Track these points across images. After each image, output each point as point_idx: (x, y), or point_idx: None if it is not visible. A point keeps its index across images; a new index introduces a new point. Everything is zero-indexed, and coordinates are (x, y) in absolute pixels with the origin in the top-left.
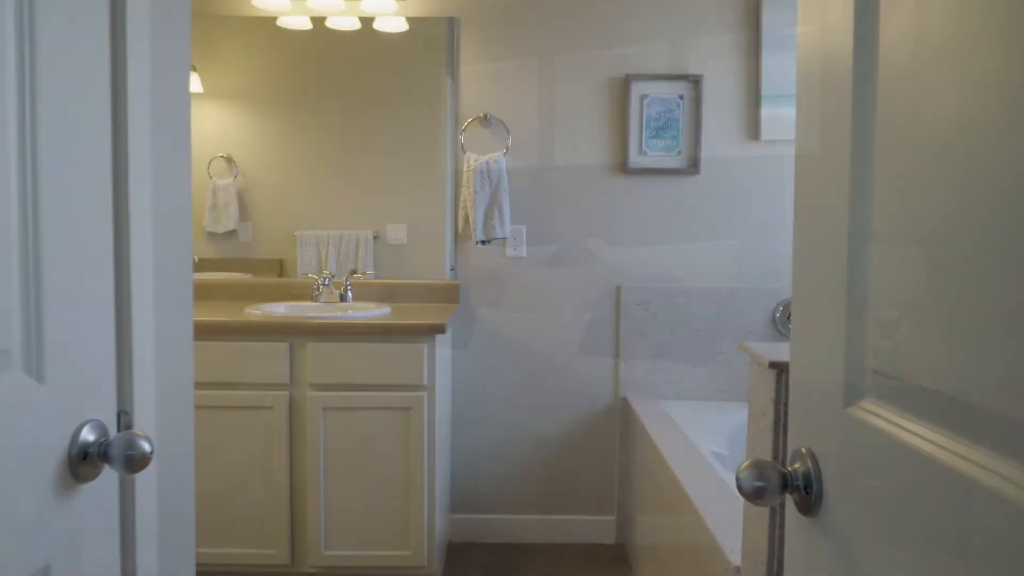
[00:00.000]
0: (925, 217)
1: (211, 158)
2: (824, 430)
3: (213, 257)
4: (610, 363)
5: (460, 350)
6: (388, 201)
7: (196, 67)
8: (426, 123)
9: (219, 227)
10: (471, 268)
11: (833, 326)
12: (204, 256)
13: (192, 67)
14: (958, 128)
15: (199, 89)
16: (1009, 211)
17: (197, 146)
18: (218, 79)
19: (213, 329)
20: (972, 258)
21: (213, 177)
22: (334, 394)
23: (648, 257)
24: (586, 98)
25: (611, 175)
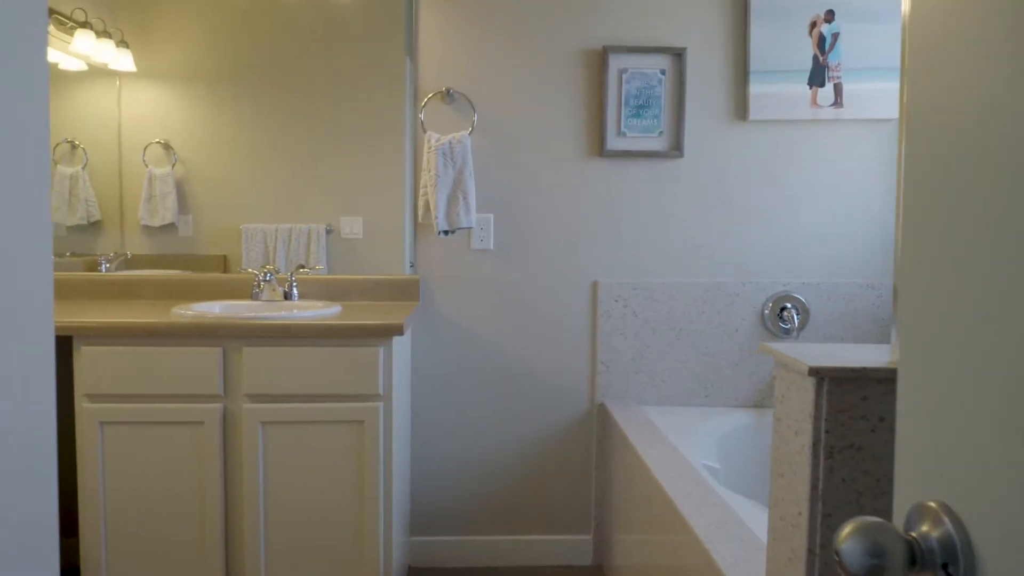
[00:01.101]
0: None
1: (146, 144)
2: (979, 477)
3: (148, 253)
4: (586, 366)
5: (420, 354)
6: (342, 192)
7: (128, 43)
8: (383, 103)
9: (155, 220)
10: (433, 262)
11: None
12: (137, 252)
13: (124, 43)
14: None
15: (131, 68)
16: None
17: (131, 131)
18: (153, 57)
19: (132, 332)
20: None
21: (149, 165)
22: (275, 406)
23: (627, 249)
24: (560, 71)
25: (587, 158)
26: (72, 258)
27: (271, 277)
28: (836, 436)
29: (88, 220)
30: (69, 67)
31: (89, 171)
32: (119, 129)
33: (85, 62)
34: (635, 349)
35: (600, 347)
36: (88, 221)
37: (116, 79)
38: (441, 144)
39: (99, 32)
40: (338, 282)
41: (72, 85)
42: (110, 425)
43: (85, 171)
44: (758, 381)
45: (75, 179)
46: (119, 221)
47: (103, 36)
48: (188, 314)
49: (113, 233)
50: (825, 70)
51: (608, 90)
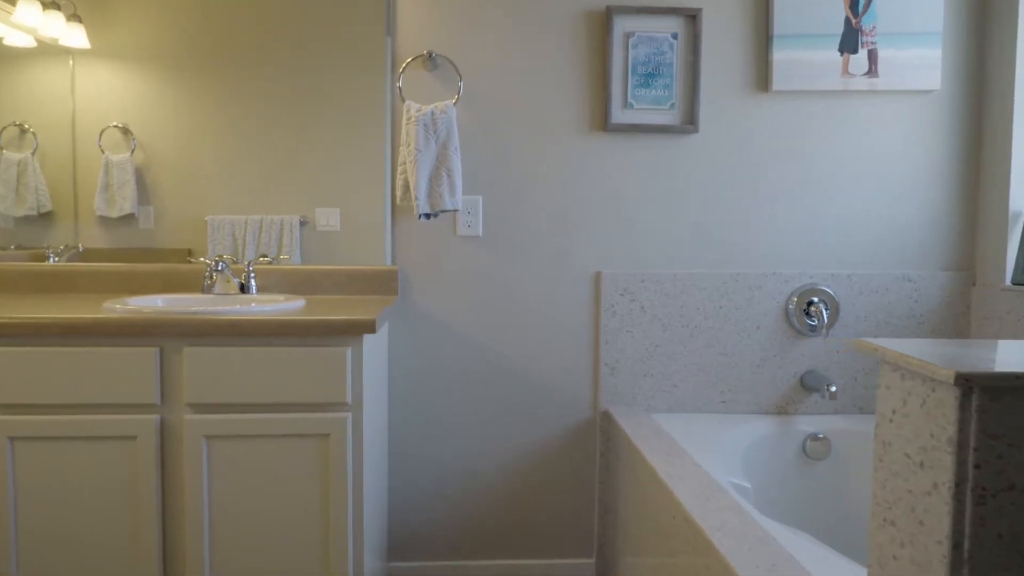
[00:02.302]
0: None
1: (103, 128)
2: None
3: (104, 247)
4: (588, 368)
5: (398, 355)
6: (317, 181)
7: (81, 18)
8: (361, 81)
9: (112, 211)
10: (413, 250)
11: None
12: (92, 245)
13: (76, 16)
14: None
15: (85, 44)
16: None
17: (85, 114)
18: (109, 34)
19: (48, 330)
20: None
21: (105, 151)
22: (222, 417)
23: (634, 236)
24: (558, 34)
25: (589, 133)
26: (17, 251)
27: (224, 267)
28: (991, 472)
29: (38, 211)
30: (15, 42)
31: (40, 157)
32: (72, 112)
33: (32, 36)
34: (643, 349)
35: (604, 347)
36: (38, 212)
37: (69, 57)
38: (422, 115)
39: (46, 3)
40: (304, 273)
41: (20, 63)
42: (22, 441)
43: (35, 157)
44: (781, 384)
45: (23, 166)
46: (73, 211)
47: (51, 8)
48: (119, 308)
49: (66, 224)
50: (858, 34)
51: (612, 56)
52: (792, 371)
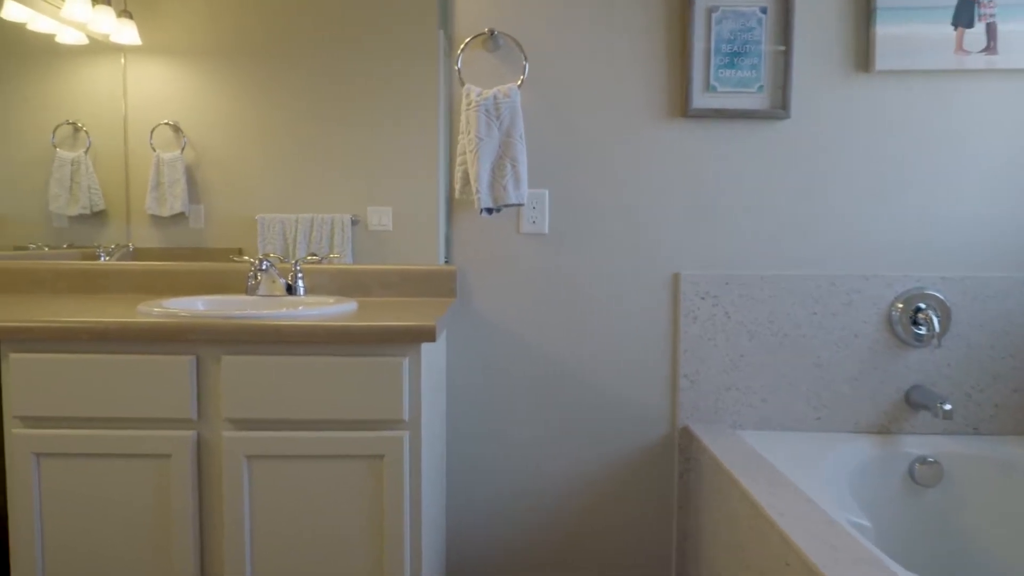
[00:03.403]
0: None
1: (154, 126)
2: None
3: (155, 246)
4: (665, 380)
5: (456, 364)
6: (369, 178)
7: (132, 14)
8: (411, 62)
9: (163, 210)
10: (471, 248)
11: None
12: (143, 245)
13: (126, 13)
14: None
15: (136, 41)
16: None
17: (137, 111)
18: (161, 30)
19: (75, 335)
20: None
21: (157, 150)
22: (264, 435)
23: (718, 233)
24: (634, 10)
25: (667, 119)
26: (69, 249)
27: (269, 266)
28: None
29: (91, 209)
30: (67, 40)
31: (92, 155)
32: (124, 110)
33: (83, 32)
34: (727, 359)
35: (683, 356)
36: (91, 210)
37: (121, 54)
38: (484, 99)
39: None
40: (355, 273)
41: (73, 60)
42: (49, 457)
43: (88, 156)
44: (883, 400)
45: (77, 164)
46: (125, 210)
47: (100, 3)
48: (154, 312)
49: (118, 224)
50: (974, 5)
51: (694, 34)
52: (896, 386)
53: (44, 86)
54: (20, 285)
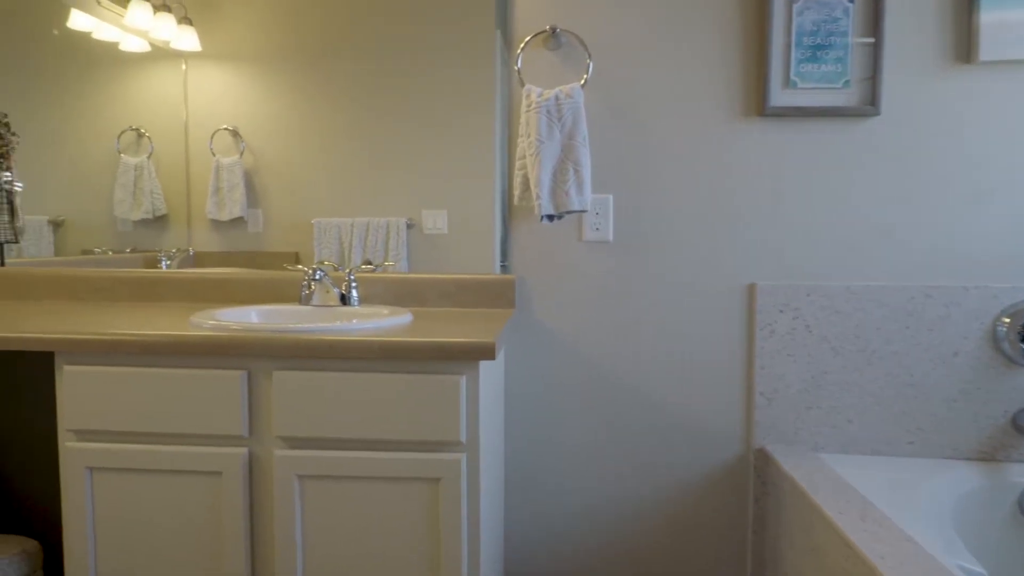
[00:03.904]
0: None
1: (214, 131)
2: None
3: (216, 250)
4: (739, 398)
5: (515, 379)
6: (424, 181)
7: (192, 21)
8: (468, 63)
9: (223, 214)
10: (531, 256)
11: None
12: (203, 249)
13: (187, 19)
14: None
15: (196, 47)
16: None
17: (197, 116)
18: (220, 35)
19: (125, 348)
20: None
21: (216, 154)
22: (316, 454)
23: (798, 241)
24: (705, 1)
25: (742, 118)
26: (132, 254)
27: (322, 275)
28: None
29: (154, 214)
30: (130, 47)
31: (155, 161)
32: (186, 115)
33: (146, 40)
34: (809, 376)
35: (759, 373)
36: (154, 215)
37: (182, 61)
38: (544, 100)
39: (157, 6)
40: (410, 283)
41: (136, 67)
42: (101, 472)
43: (151, 161)
44: (986, 423)
45: (140, 170)
46: (186, 215)
47: (161, 10)
48: (206, 324)
49: (179, 228)
50: None
51: (772, 24)
52: (1001, 408)
53: (109, 93)
54: (80, 292)
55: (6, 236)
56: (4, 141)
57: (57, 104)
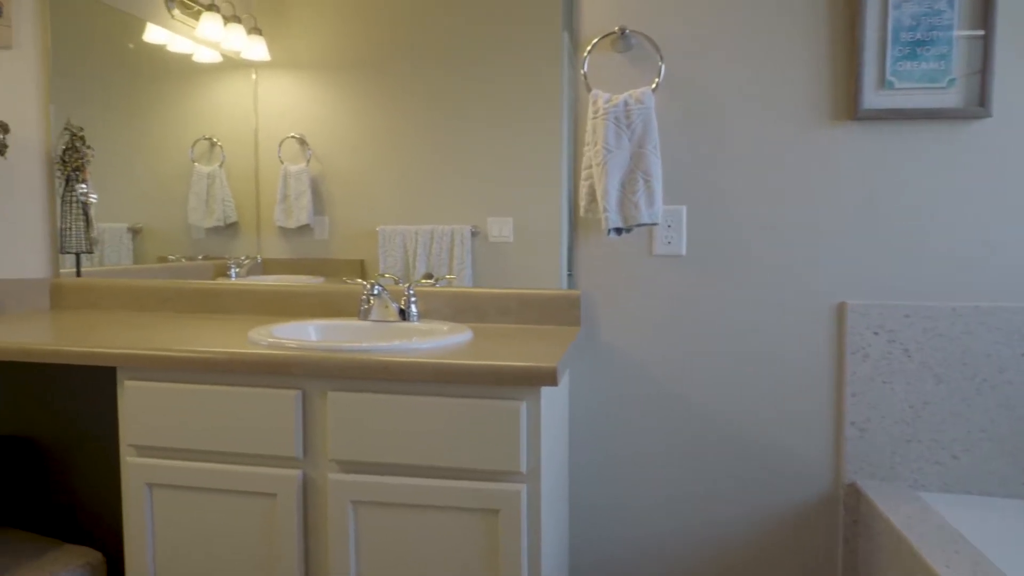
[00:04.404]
0: None
1: (282, 139)
2: None
3: (283, 257)
4: (827, 428)
5: (580, 402)
6: (489, 188)
7: (262, 31)
8: (534, 66)
9: (290, 221)
10: (598, 271)
11: None
12: (271, 256)
13: (256, 30)
14: None
15: (265, 57)
16: None
17: (267, 125)
18: (288, 44)
19: (184, 365)
20: None
21: (284, 162)
22: (371, 480)
23: (894, 256)
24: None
25: (830, 123)
26: (204, 261)
27: (381, 290)
28: None
29: (225, 222)
30: (203, 58)
31: (226, 169)
32: (256, 124)
33: (217, 51)
34: (908, 406)
35: (850, 400)
36: (225, 223)
37: (252, 71)
38: (612, 106)
39: (228, 17)
40: (470, 298)
41: (209, 78)
42: (160, 488)
43: (223, 169)
44: None
45: (212, 178)
46: (255, 222)
47: (232, 21)
48: (262, 342)
49: (249, 235)
50: None
51: (866, 20)
52: None
53: (183, 103)
54: (147, 303)
55: (82, 246)
56: (80, 154)
57: (135, 115)
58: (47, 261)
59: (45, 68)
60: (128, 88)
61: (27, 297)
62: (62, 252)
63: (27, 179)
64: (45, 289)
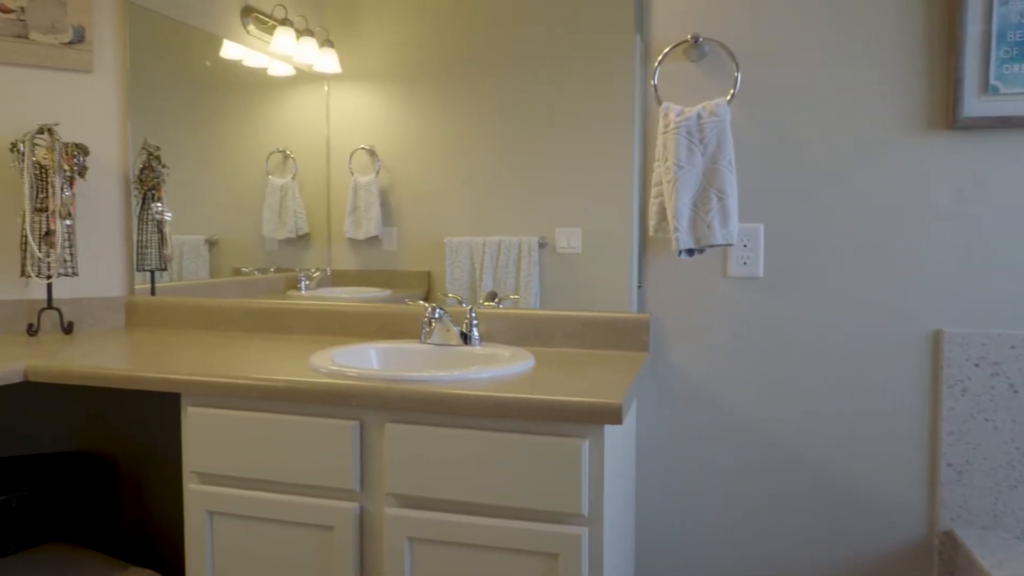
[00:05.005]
0: None
1: (353, 150)
2: None
3: (352, 269)
4: (919, 469)
5: (649, 432)
6: (558, 199)
7: (334, 43)
8: (605, 76)
9: (359, 233)
10: (669, 292)
11: None
12: (341, 267)
13: (328, 42)
14: None
15: (337, 69)
16: None
17: (338, 137)
18: (359, 55)
19: (243, 392)
20: None
21: (355, 174)
22: (428, 516)
23: (999, 280)
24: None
25: (925, 133)
26: (276, 273)
27: (442, 314)
28: None
29: (296, 233)
30: (277, 72)
31: (299, 181)
32: (327, 136)
33: (291, 64)
34: (1014, 447)
35: (946, 439)
36: (296, 234)
37: (324, 83)
38: (684, 120)
39: (300, 31)
40: (535, 320)
41: (283, 91)
42: (221, 516)
43: (295, 182)
44: None
45: (285, 190)
46: (326, 234)
47: (304, 35)
48: (322, 369)
49: (320, 247)
50: None
51: (966, 18)
52: None
53: (258, 117)
54: (216, 322)
55: (156, 264)
56: (156, 174)
57: (212, 129)
58: (123, 279)
59: (124, 89)
60: (205, 103)
61: (104, 315)
62: (138, 269)
63: (106, 199)
64: (121, 307)
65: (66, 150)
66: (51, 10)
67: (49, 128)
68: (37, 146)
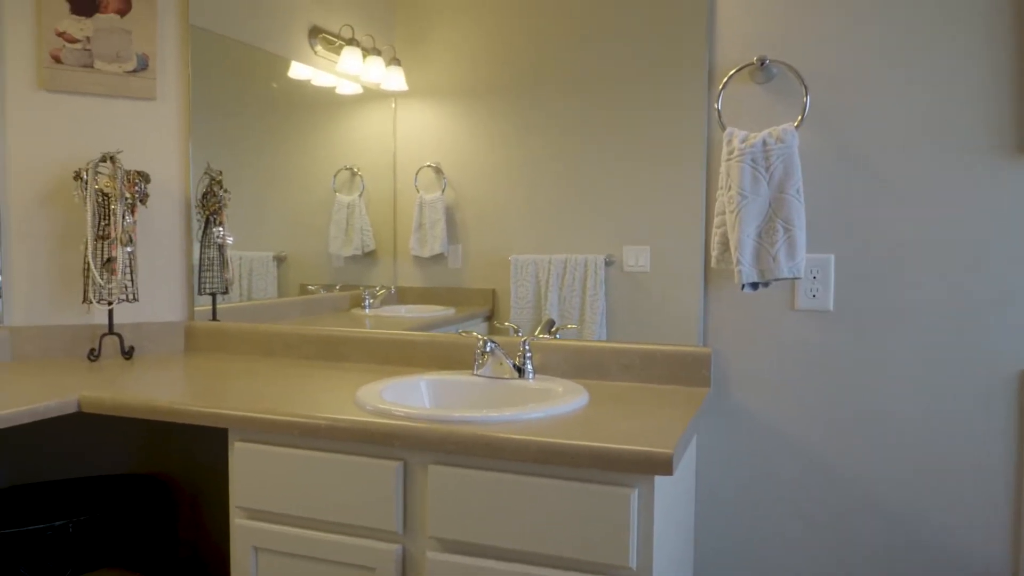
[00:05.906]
0: None
1: (419, 168)
2: None
3: (418, 286)
4: (1002, 523)
5: (709, 471)
6: (626, 216)
7: (400, 61)
8: (674, 98)
9: (424, 250)
10: (732, 325)
11: None
12: (406, 284)
13: (395, 60)
14: None
15: (403, 87)
16: None
17: (404, 154)
18: (425, 73)
19: (287, 429)
20: None
21: (420, 191)
22: (471, 562)
23: None
24: (958, 13)
25: (1013, 155)
26: (341, 291)
27: (493, 347)
28: None
29: (363, 250)
30: (345, 91)
31: (365, 199)
32: (394, 153)
33: (358, 83)
34: None
35: None
36: (363, 251)
37: (391, 100)
38: (749, 146)
39: (367, 50)
40: (591, 352)
41: (350, 110)
42: (265, 552)
43: (362, 199)
44: None
45: (352, 208)
46: (392, 251)
47: (371, 54)
48: (368, 407)
49: (385, 264)
50: None
51: None
52: None
53: (326, 135)
54: (274, 348)
55: (218, 287)
56: (217, 199)
57: (281, 148)
58: (183, 304)
59: (186, 116)
60: (272, 123)
61: (164, 339)
62: (199, 293)
63: (167, 225)
64: (180, 332)
65: (128, 178)
66: (116, 39)
67: (112, 156)
68: (100, 174)
